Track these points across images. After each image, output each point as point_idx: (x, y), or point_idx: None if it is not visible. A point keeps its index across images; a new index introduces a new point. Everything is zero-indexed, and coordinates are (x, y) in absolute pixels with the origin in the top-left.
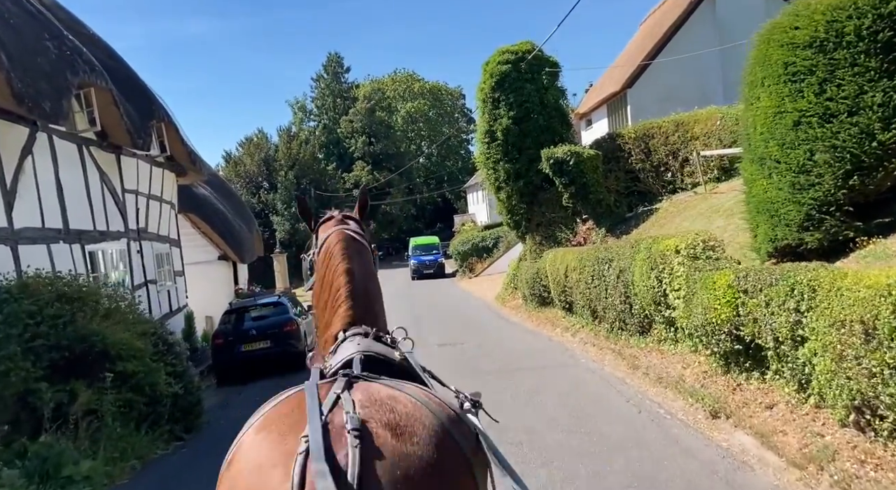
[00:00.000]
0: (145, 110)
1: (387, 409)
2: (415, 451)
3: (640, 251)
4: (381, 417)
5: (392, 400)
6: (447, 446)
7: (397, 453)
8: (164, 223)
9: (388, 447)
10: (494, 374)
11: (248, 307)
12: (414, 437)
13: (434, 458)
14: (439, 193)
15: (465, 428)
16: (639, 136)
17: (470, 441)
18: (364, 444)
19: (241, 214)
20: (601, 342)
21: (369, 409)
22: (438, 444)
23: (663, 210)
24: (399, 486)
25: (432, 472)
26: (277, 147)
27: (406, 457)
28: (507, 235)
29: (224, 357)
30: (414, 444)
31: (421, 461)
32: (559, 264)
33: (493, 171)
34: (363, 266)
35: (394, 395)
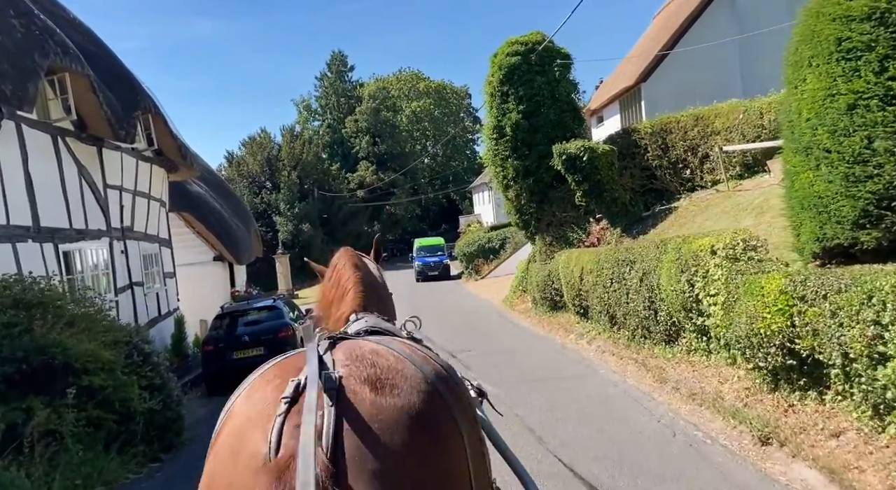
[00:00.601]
0: (129, 100)
1: (367, 364)
2: (394, 402)
3: (668, 252)
4: (360, 373)
5: (374, 354)
6: (430, 398)
7: (375, 406)
8: (153, 222)
9: (365, 402)
10: (506, 386)
11: (241, 311)
12: (395, 389)
13: (415, 409)
14: (444, 194)
15: (452, 383)
16: (655, 132)
17: (458, 397)
18: (340, 402)
19: (238, 214)
20: (621, 351)
21: (349, 366)
22: (420, 395)
23: (682, 209)
24: (376, 438)
25: (413, 423)
26: (280, 147)
27: (384, 409)
28: (515, 236)
29: (214, 365)
30: (394, 396)
31: (400, 412)
32: (573, 266)
33: (502, 169)
34: (369, 272)
35: (376, 350)
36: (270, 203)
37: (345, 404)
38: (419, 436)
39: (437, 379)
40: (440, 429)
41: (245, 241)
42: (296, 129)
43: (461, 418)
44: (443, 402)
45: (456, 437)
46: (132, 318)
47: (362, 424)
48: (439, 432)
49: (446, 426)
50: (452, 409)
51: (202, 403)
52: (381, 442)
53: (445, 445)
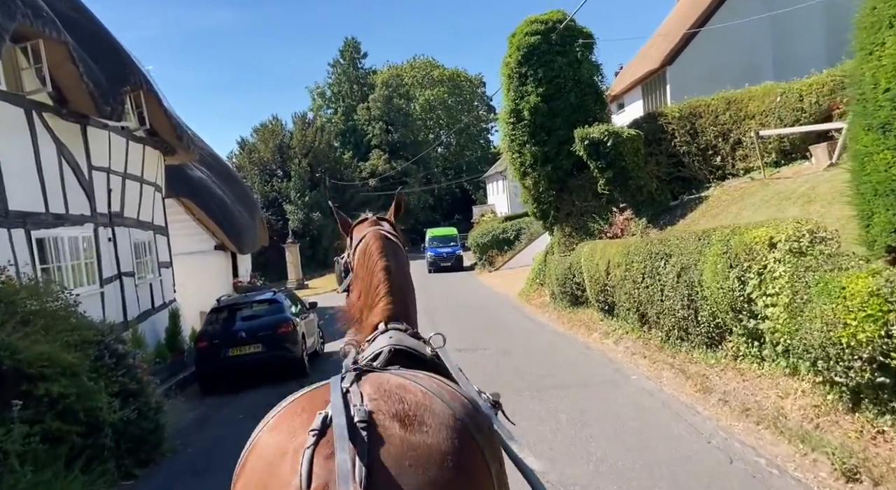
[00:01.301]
0: (117, 74)
1: (395, 400)
2: (423, 440)
3: (713, 244)
4: (388, 408)
5: (401, 389)
6: (458, 435)
7: (405, 443)
8: (147, 207)
9: (395, 438)
10: (526, 392)
11: (238, 305)
12: (423, 426)
13: (444, 447)
14: (457, 184)
15: (478, 418)
16: (684, 116)
17: (484, 432)
18: (371, 436)
19: (243, 200)
20: (654, 354)
21: (378, 400)
22: (449, 433)
23: (714, 198)
24: (409, 475)
25: (442, 461)
26: (292, 134)
27: (414, 446)
28: (530, 227)
29: (208, 363)
30: (423, 434)
31: (430, 450)
32: (598, 259)
33: (519, 155)
34: (399, 264)
35: (403, 385)
36: (281, 191)
37: (376, 439)
38: (450, 474)
39: (465, 415)
40: (469, 466)
41: (249, 229)
42: (308, 117)
43: (489, 455)
44: (471, 439)
45: (485, 473)
46: (120, 311)
47: (394, 460)
48: (469, 470)
49: (475, 463)
50: (481, 445)
51: (193, 405)
52: (414, 479)
53: (475, 483)
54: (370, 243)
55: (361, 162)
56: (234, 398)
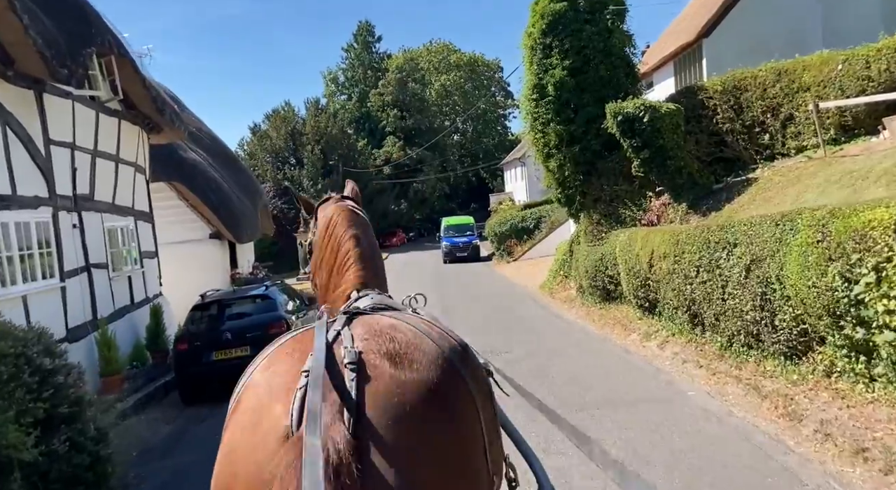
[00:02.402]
0: (80, 33)
1: (386, 339)
2: (413, 377)
3: (801, 231)
4: (379, 347)
5: (392, 329)
6: (447, 373)
7: (395, 380)
8: (125, 190)
9: (385, 376)
10: (559, 411)
11: (225, 301)
12: (413, 363)
13: (433, 384)
14: (474, 172)
15: (467, 357)
16: (727, 89)
17: (474, 372)
18: (360, 376)
19: (243, 186)
20: (712, 363)
21: (368, 340)
22: (438, 370)
23: (765, 180)
24: (397, 412)
25: (431, 396)
26: (305, 120)
27: (403, 383)
28: (551, 215)
29: (189, 368)
30: (413, 371)
31: (419, 386)
32: (639, 249)
33: (542, 135)
34: (367, 235)
35: (394, 325)
36: (294, 179)
37: (366, 378)
38: (438, 410)
39: (454, 354)
40: (457, 403)
41: (249, 216)
42: (321, 103)
43: (477, 393)
44: (460, 377)
45: (472, 411)
46: (87, 309)
47: (383, 398)
48: (457, 407)
49: (463, 401)
50: (469, 383)
51: (170, 417)
52: (402, 416)
53: (462, 419)
54: (335, 215)
55: (376, 149)
56: (217, 409)
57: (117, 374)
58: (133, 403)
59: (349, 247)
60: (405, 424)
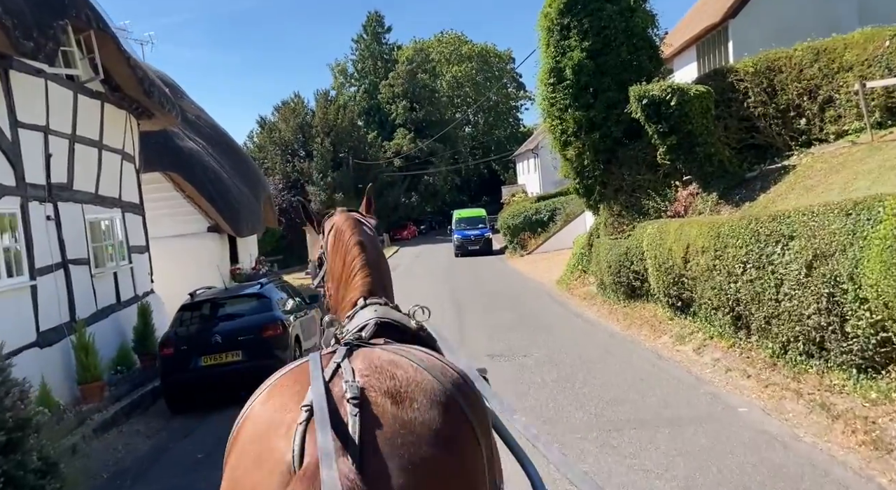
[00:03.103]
0: (49, 4)
1: (387, 376)
2: (415, 417)
3: (884, 220)
4: (380, 385)
5: (392, 365)
6: (449, 411)
7: (397, 421)
8: (110, 180)
9: (387, 415)
10: (590, 432)
11: (215, 301)
12: (414, 403)
13: (435, 424)
14: (486, 164)
15: (469, 394)
16: (759, 71)
17: (474, 406)
18: (363, 413)
19: (245, 177)
20: (762, 372)
21: (369, 377)
22: (440, 409)
23: (804, 167)
24: (401, 453)
25: (434, 438)
26: (314, 112)
27: (406, 424)
28: (566, 207)
29: (175, 375)
30: (414, 411)
31: (422, 427)
32: (671, 243)
33: (560, 122)
34: (372, 242)
35: (394, 361)
36: (303, 171)
37: (369, 417)
38: (442, 451)
39: (456, 391)
40: (460, 442)
41: (250, 209)
42: (330, 94)
43: (479, 429)
44: (462, 415)
45: (475, 448)
46: (64, 309)
47: (386, 439)
48: (459, 446)
49: (466, 439)
50: (471, 420)
51: (153, 429)
52: (406, 456)
53: (465, 454)
54: (340, 224)
55: (386, 141)
56: (205, 421)
57: (97, 380)
58: (113, 414)
59: (355, 253)
60: (410, 465)
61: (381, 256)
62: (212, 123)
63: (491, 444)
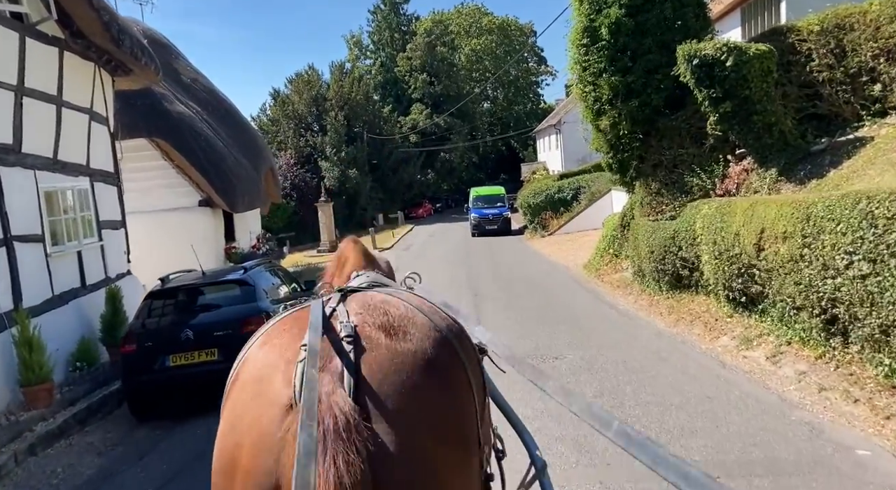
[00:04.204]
0: None
1: (380, 313)
2: (408, 347)
3: None
4: (373, 320)
5: (385, 304)
6: (440, 343)
7: (391, 350)
8: (76, 144)
9: (381, 346)
10: (658, 481)
11: (189, 289)
12: (407, 335)
13: (428, 353)
14: (504, 141)
15: (458, 331)
16: (826, 30)
17: (465, 344)
18: (357, 347)
19: (245, 147)
20: (875, 396)
21: (363, 314)
22: (431, 341)
23: (883, 139)
24: (396, 379)
25: (427, 365)
26: (329, 85)
27: (400, 353)
28: (591, 185)
29: (138, 376)
30: (407, 342)
31: (414, 356)
32: (739, 226)
33: (593, 88)
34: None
35: (386, 300)
36: (316, 146)
37: (362, 349)
38: (433, 378)
39: (446, 327)
40: (451, 372)
41: (248, 182)
42: (346, 67)
43: (469, 364)
44: (452, 348)
45: (465, 380)
46: (7, 295)
47: (380, 367)
48: (450, 375)
49: (456, 370)
50: (460, 354)
51: (114, 438)
52: (399, 383)
53: (456, 387)
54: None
55: (402, 116)
56: (177, 430)
57: (44, 382)
58: (62, 422)
59: (348, 245)
60: (403, 391)
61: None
62: (209, 88)
63: (481, 384)
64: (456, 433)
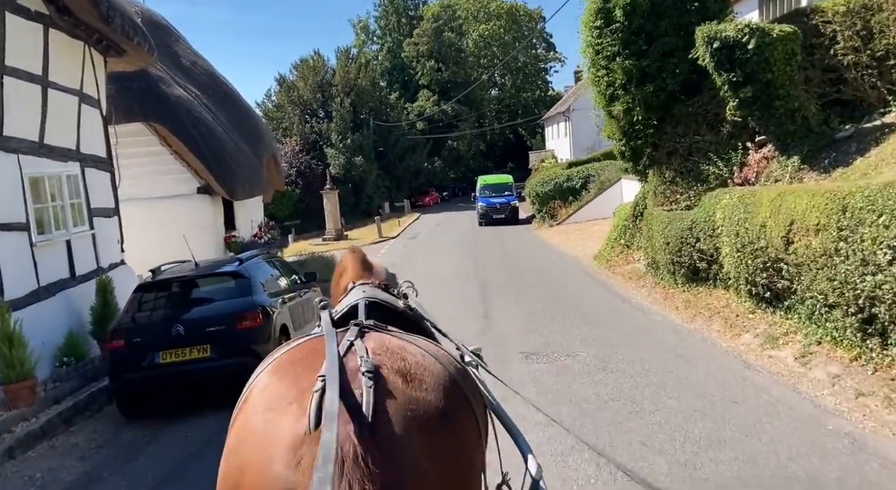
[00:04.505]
0: None
1: (398, 358)
2: (423, 396)
3: None
4: (392, 364)
5: (402, 350)
6: (453, 393)
7: (407, 396)
8: (65, 127)
9: (399, 390)
10: None
11: (180, 282)
12: (423, 383)
13: (441, 403)
14: (512, 129)
15: (469, 379)
16: (852, 10)
17: (473, 390)
18: (377, 386)
19: (246, 132)
20: None
21: (381, 356)
22: (445, 390)
23: None
24: (409, 425)
25: (439, 415)
26: (335, 71)
27: (415, 400)
28: (601, 174)
29: (127, 373)
30: (423, 390)
31: (429, 405)
32: (765, 216)
33: (606, 72)
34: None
35: (403, 346)
36: (322, 133)
37: (382, 389)
38: (445, 425)
39: (458, 375)
40: (461, 420)
41: (249, 168)
42: (352, 53)
43: (477, 409)
44: (463, 396)
45: (473, 425)
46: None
47: (396, 410)
48: (461, 423)
49: (466, 417)
50: (471, 401)
51: (100, 440)
52: (414, 427)
53: (465, 432)
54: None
55: (409, 103)
56: (158, 436)
57: (26, 379)
58: (45, 422)
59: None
60: (417, 433)
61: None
62: (209, 71)
63: (486, 424)
64: (464, 469)
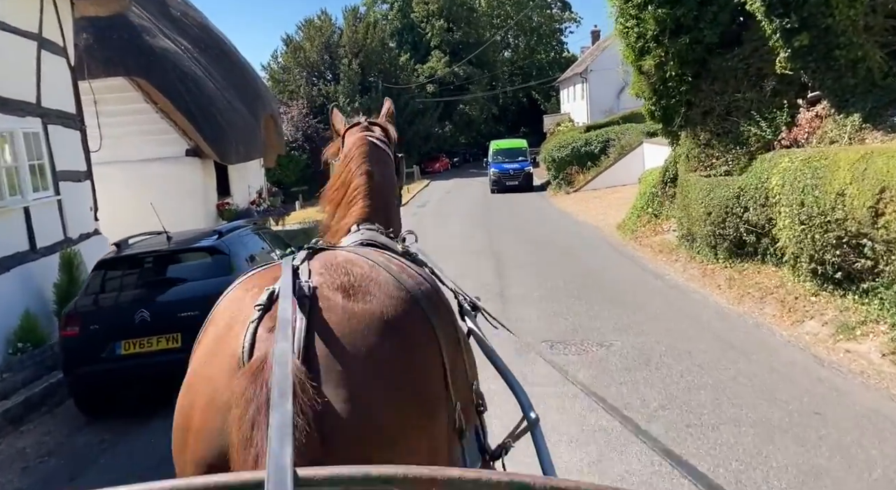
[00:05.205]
0: None
1: (341, 272)
2: (366, 307)
3: None
4: (333, 281)
5: (348, 263)
6: (403, 304)
7: (346, 311)
8: (22, 78)
9: (336, 307)
10: None
11: (148, 258)
12: (367, 295)
13: (387, 314)
14: (525, 92)
15: (428, 290)
16: None
17: (435, 303)
18: (312, 309)
19: (241, 90)
20: None
21: (324, 274)
22: (392, 300)
23: None
24: (347, 343)
25: (384, 326)
26: (342, 31)
27: (355, 314)
28: (621, 138)
29: (83, 366)
30: (366, 302)
31: (371, 316)
32: (844, 183)
33: (636, 23)
34: (383, 172)
35: (350, 259)
36: (329, 95)
37: (316, 311)
38: (390, 339)
39: (413, 285)
40: (413, 333)
41: (244, 129)
42: (360, 12)
43: (438, 323)
44: (417, 307)
45: (431, 341)
46: None
47: (332, 329)
48: (411, 337)
49: (420, 331)
50: (427, 313)
51: (50, 444)
52: (351, 346)
53: (418, 349)
54: (354, 148)
55: (419, 64)
56: (116, 443)
57: None
58: None
59: (359, 183)
60: (354, 352)
61: (391, 189)
62: (202, 23)
63: (455, 345)
64: (413, 393)
